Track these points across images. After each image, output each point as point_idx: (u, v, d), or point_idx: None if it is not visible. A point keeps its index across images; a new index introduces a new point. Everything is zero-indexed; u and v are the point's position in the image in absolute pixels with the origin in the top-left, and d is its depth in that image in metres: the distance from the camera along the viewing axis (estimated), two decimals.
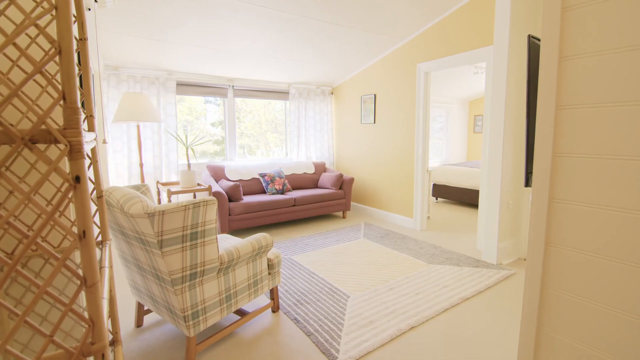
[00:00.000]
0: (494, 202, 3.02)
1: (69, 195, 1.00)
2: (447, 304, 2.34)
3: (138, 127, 3.53)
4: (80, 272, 1.22)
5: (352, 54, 4.26)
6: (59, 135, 0.55)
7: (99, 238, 1.26)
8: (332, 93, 5.51)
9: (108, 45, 3.35)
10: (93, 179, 1.22)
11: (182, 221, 1.58)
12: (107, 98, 3.80)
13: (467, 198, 5.35)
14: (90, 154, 1.20)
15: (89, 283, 0.59)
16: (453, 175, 5.54)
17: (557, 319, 0.99)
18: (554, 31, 0.93)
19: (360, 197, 5.15)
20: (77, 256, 1.30)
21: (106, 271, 0.96)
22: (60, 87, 0.58)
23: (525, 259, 3.18)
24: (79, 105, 0.58)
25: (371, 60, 4.56)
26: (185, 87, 4.29)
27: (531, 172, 1.13)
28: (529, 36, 1.14)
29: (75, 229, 1.23)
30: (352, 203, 5.32)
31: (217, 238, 1.76)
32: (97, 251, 1.18)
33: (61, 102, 0.58)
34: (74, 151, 0.57)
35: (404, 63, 4.16)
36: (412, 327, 2.08)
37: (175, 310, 1.70)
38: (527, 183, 1.15)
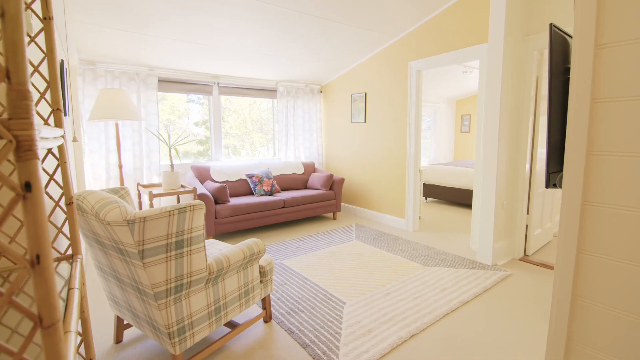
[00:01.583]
0: (489, 202, 2.97)
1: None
2: (447, 308, 2.26)
3: (117, 125, 3.31)
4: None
5: (342, 51, 4.15)
6: (0, 126, 0.41)
7: (69, 251, 1.10)
8: (321, 91, 5.39)
9: (84, 37, 3.12)
10: (62, 183, 1.06)
11: (166, 228, 1.42)
12: (82, 95, 3.56)
13: (457, 198, 5.34)
14: (57, 154, 1.04)
15: (45, 323, 0.45)
16: (443, 175, 5.52)
17: (590, 333, 0.90)
18: (589, 17, 0.84)
19: (350, 197, 5.05)
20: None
21: (76, 293, 0.81)
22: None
23: (520, 260, 3.14)
24: (29, 86, 0.43)
25: (362, 57, 4.46)
26: (167, 83, 4.08)
27: (553, 172, 1.04)
28: (551, 25, 1.05)
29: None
30: (342, 204, 5.21)
31: (205, 246, 1.61)
32: (67, 267, 1.02)
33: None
34: (23, 149, 0.42)
35: (395, 61, 4.08)
36: (413, 335, 1.99)
37: (159, 326, 1.54)
38: (548, 184, 1.06)
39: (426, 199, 6.08)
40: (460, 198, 5.28)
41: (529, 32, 2.95)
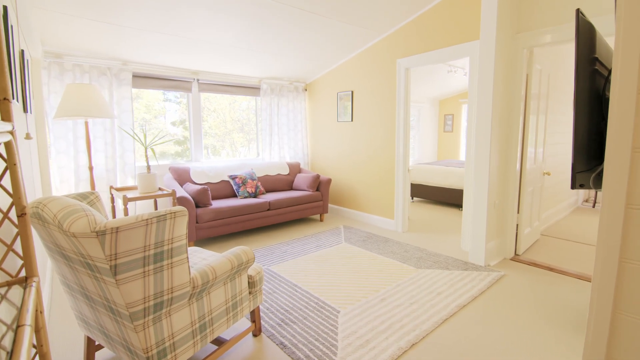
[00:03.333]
0: (481, 202, 2.92)
1: None
2: (445, 313, 2.17)
3: (86, 124, 3.04)
4: None
5: (328, 47, 4.03)
6: None
7: (23, 273, 0.91)
8: (306, 90, 5.24)
9: (49, 27, 2.84)
10: (11, 190, 0.87)
11: (143, 239, 1.24)
12: (47, 90, 3.26)
13: (444, 197, 5.32)
14: (4, 154, 0.85)
15: None
16: (430, 175, 5.50)
17: (634, 351, 0.81)
18: None
19: (337, 198, 4.93)
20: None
21: (26, 332, 0.63)
22: None
23: (511, 259, 3.11)
24: None
25: (348, 55, 4.35)
26: (143, 79, 3.81)
27: (579, 172, 0.95)
28: (578, 10, 0.96)
29: None
30: (329, 205, 5.08)
31: (187, 257, 1.44)
32: (19, 293, 0.83)
33: None
34: None
35: (383, 59, 3.99)
36: (413, 344, 1.88)
37: (136, 349, 1.35)
38: (574, 185, 0.97)
39: (412, 198, 6.05)
40: (448, 197, 5.27)
41: (519, 29, 2.92)
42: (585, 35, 0.95)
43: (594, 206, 5.26)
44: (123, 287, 1.23)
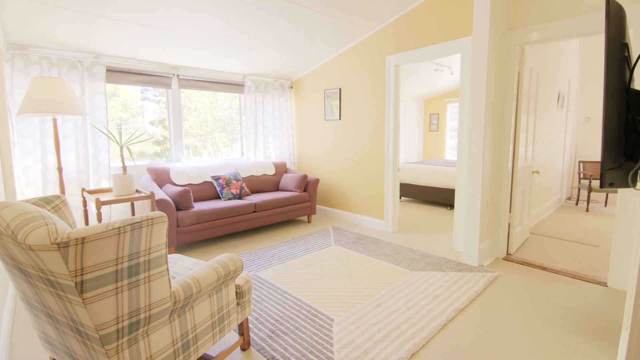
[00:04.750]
0: (474, 201, 2.86)
1: None
2: (443, 318, 2.08)
3: (55, 121, 2.79)
4: None
5: (316, 43, 3.89)
6: None
7: None
8: (292, 87, 5.09)
9: (12, 15, 2.58)
10: None
11: (114, 251, 1.07)
12: (10, 85, 2.99)
13: (432, 196, 5.29)
14: None
15: None
16: (418, 174, 5.45)
17: None
18: None
19: (325, 199, 4.80)
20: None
21: None
22: None
23: (503, 259, 3.07)
24: None
25: (336, 51, 4.23)
26: (118, 74, 3.57)
27: (610, 169, 0.86)
28: None
29: None
30: (317, 206, 4.95)
31: (168, 268, 1.28)
32: None
33: None
34: None
35: (372, 55, 3.89)
36: (414, 353, 1.77)
37: None
38: (603, 183, 0.88)
39: (400, 198, 6.00)
40: (436, 197, 5.24)
41: (511, 26, 2.88)
42: (616, 18, 0.86)
43: (576, 204, 5.35)
44: (91, 307, 1.06)
